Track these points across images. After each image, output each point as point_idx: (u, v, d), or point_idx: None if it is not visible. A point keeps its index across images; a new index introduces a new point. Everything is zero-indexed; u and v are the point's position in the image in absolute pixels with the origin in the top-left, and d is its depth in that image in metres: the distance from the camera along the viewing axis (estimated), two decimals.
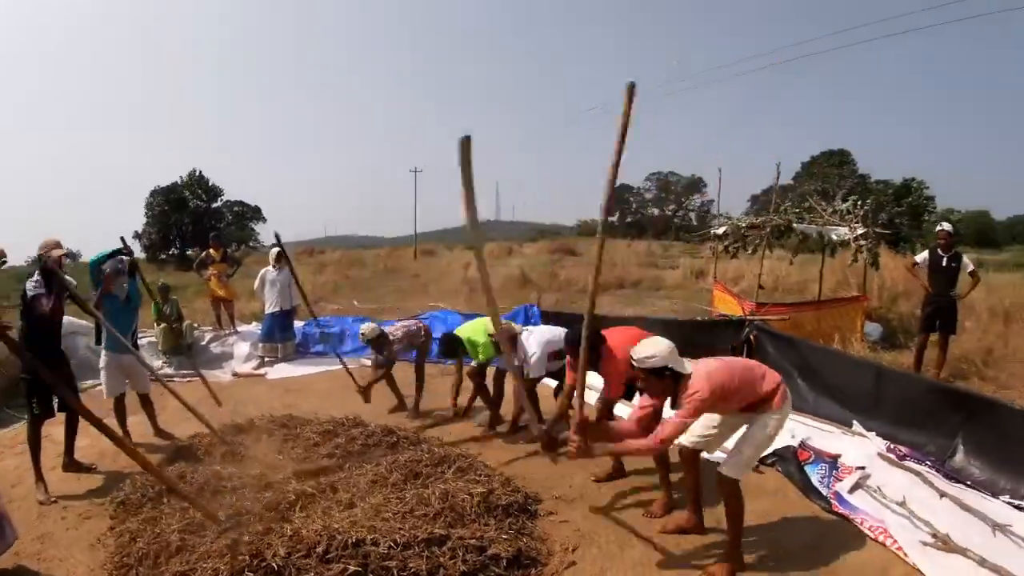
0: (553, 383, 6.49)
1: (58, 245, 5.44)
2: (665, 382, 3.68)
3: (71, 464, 5.72)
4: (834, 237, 10.49)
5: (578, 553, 4.02)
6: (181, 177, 50.76)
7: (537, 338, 5.89)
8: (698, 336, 7.43)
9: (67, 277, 5.49)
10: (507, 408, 6.60)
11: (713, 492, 4.03)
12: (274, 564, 3.45)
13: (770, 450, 4.98)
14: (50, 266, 5.28)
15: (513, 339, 5.80)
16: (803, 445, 5.38)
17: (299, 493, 4.60)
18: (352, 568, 3.44)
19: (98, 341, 6.16)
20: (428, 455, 5.16)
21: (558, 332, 5.87)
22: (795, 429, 5.72)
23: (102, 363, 6.25)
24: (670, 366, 3.66)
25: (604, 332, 4.96)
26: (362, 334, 7.30)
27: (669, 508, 4.57)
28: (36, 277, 5.26)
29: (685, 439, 4.03)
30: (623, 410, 5.41)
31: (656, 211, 74.95)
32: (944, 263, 8.34)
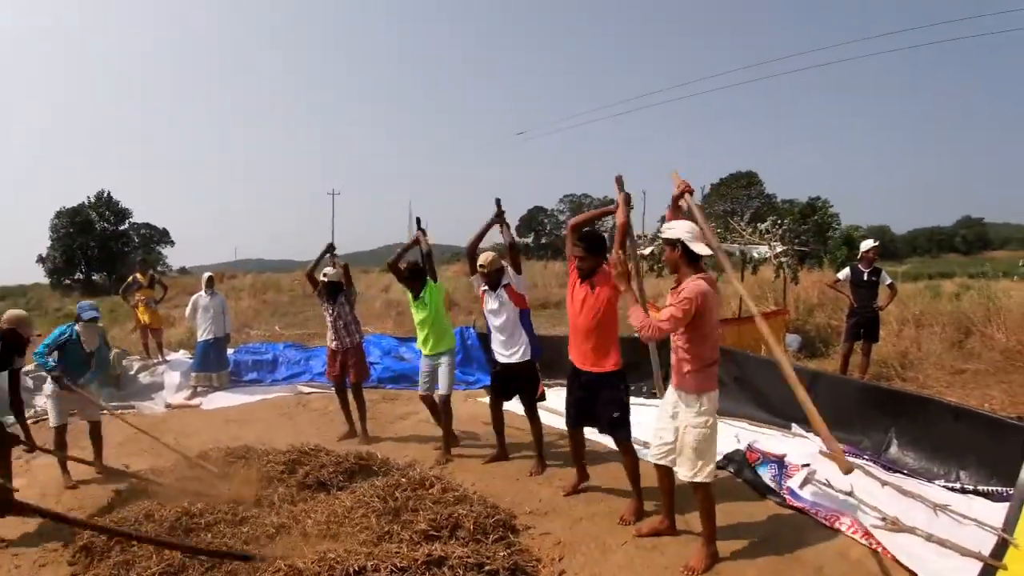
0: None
1: (29, 323, 5.44)
2: (675, 255, 3.98)
3: (12, 506, 5.12)
4: (755, 255, 10.99)
5: (564, 562, 4.16)
6: (88, 198, 49.09)
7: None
8: (635, 353, 7.72)
9: None
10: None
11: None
12: None
13: (720, 455, 5.21)
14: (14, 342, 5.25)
15: (502, 268, 5.81)
16: (750, 448, 5.67)
17: (277, 526, 4.53)
18: None
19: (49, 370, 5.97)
20: (406, 479, 5.14)
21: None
22: (740, 434, 6.14)
23: (48, 391, 6.06)
24: (682, 240, 3.92)
25: None
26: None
27: (639, 513, 4.77)
28: None
29: (653, 456, 4.28)
30: None
31: (578, 216, 76.47)
32: (866, 278, 8.95)
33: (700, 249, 3.92)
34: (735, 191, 58.64)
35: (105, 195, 49.46)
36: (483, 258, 5.77)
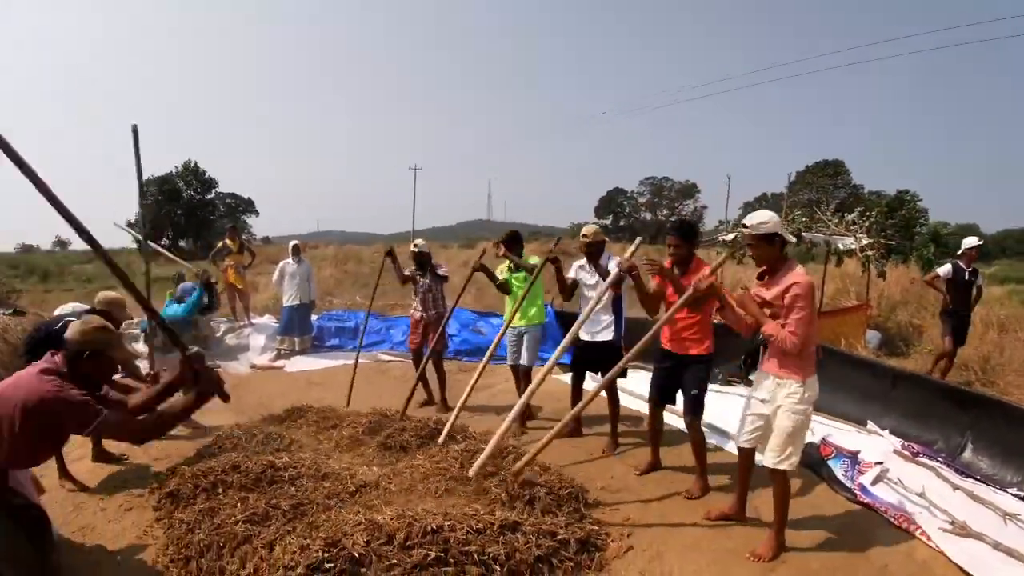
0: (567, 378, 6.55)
1: (123, 304, 5.57)
2: (774, 249, 3.94)
3: (100, 455, 5.70)
4: (840, 247, 10.76)
5: (633, 538, 4.22)
6: (176, 167, 50.81)
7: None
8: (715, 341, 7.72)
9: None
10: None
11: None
12: (354, 553, 3.46)
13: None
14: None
15: (603, 243, 5.91)
16: (824, 441, 5.64)
17: (358, 483, 4.70)
18: (434, 554, 3.51)
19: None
20: (484, 446, 5.15)
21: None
22: (814, 427, 6.02)
23: (141, 348, 6.39)
24: (780, 233, 3.92)
25: None
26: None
27: (705, 490, 4.89)
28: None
29: (740, 439, 4.32)
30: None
31: (649, 215, 75.26)
32: (966, 277, 8.56)
33: (791, 237, 3.98)
34: (821, 180, 57.19)
35: (192, 165, 51.20)
36: (587, 228, 5.91)
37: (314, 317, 11.41)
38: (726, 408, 6.22)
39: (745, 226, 4.00)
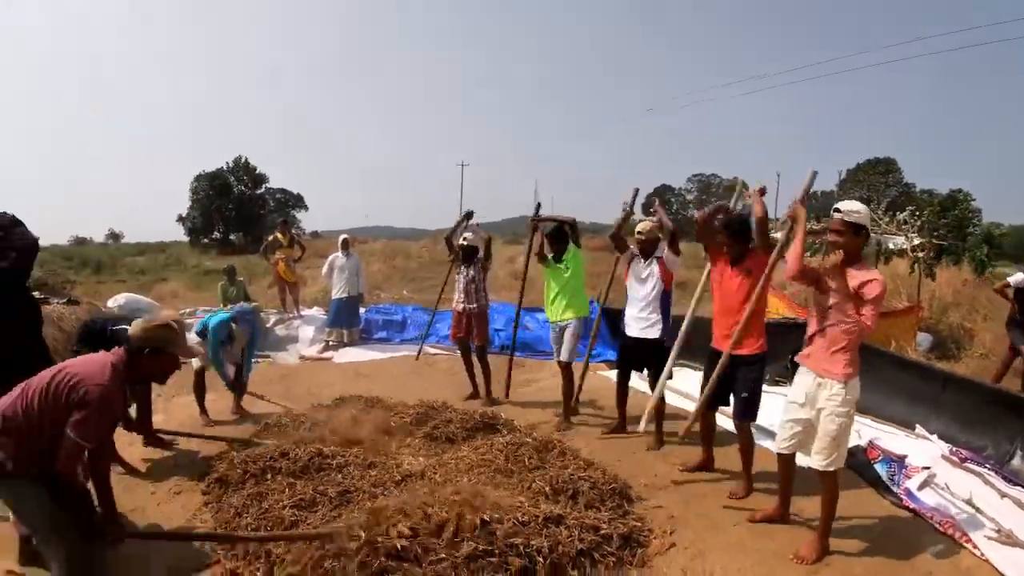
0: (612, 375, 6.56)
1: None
2: (859, 241, 3.87)
3: (152, 440, 5.83)
4: (891, 246, 10.59)
5: (675, 536, 4.21)
6: (227, 163, 51.75)
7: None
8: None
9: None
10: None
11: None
12: (399, 544, 3.50)
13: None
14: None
15: (658, 240, 5.96)
16: (871, 444, 5.56)
17: (404, 473, 4.79)
18: (481, 546, 3.53)
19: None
20: (531, 440, 5.33)
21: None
22: (861, 430, 5.93)
23: (193, 336, 6.49)
24: (867, 227, 3.90)
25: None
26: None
27: (749, 491, 4.84)
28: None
29: (780, 444, 4.24)
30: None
31: (697, 212, 74.47)
32: None
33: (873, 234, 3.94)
34: (872, 178, 56.05)
35: (243, 160, 51.99)
36: (642, 225, 5.94)
37: (362, 310, 11.58)
38: (773, 408, 6.15)
39: (838, 210, 3.91)
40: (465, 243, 7.48)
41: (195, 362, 6.51)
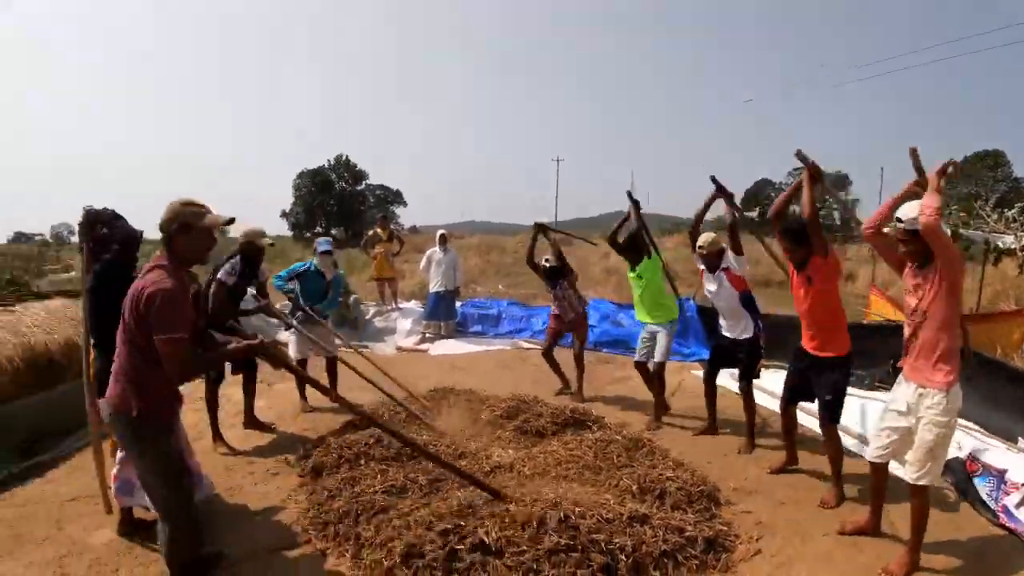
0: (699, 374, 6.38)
1: (262, 234, 5.86)
2: (918, 245, 3.65)
3: (252, 423, 6.19)
4: (1000, 245, 9.99)
5: (762, 542, 4.08)
6: (328, 160, 53.40)
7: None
8: (862, 341, 7.40)
9: (263, 267, 5.94)
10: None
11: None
12: (487, 539, 3.53)
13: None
14: (253, 253, 5.75)
15: (722, 251, 5.70)
16: (971, 457, 5.21)
17: (493, 465, 4.86)
18: (563, 542, 3.52)
19: (294, 312, 6.68)
20: (621, 437, 5.28)
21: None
22: (962, 440, 5.52)
23: (294, 329, 6.73)
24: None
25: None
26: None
27: (840, 499, 4.65)
28: (233, 263, 5.63)
29: (873, 453, 4.06)
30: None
31: (798, 208, 71.78)
32: None
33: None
34: (979, 171, 53.19)
35: (344, 158, 53.58)
36: (703, 239, 5.69)
37: (458, 304, 11.73)
38: (870, 414, 5.89)
39: (900, 220, 3.70)
40: (548, 265, 7.44)
41: (292, 353, 6.78)
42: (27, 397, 5.80)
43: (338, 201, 52.03)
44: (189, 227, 3.27)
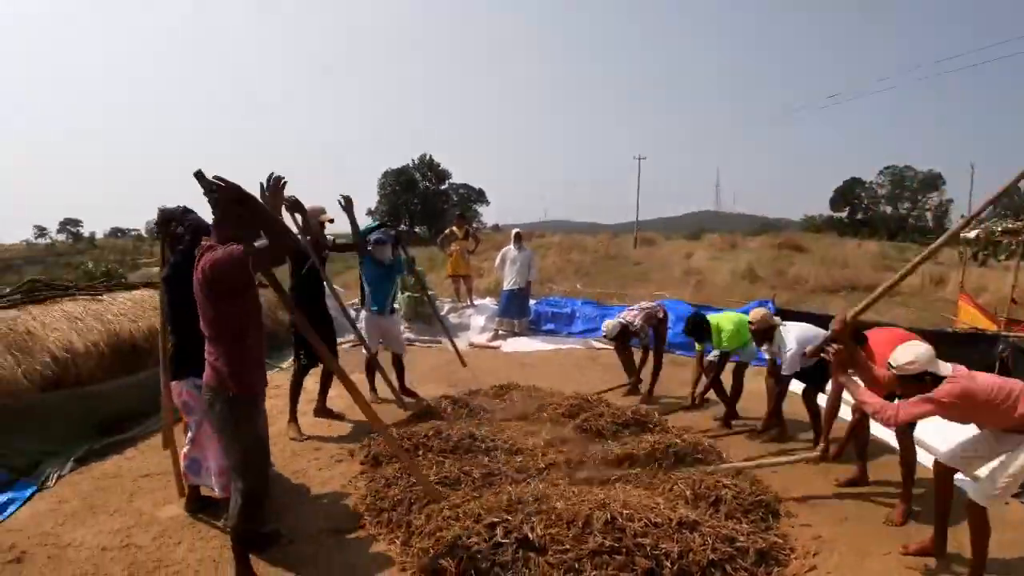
0: (800, 386, 6.19)
1: (323, 211, 6.01)
2: (923, 387, 3.55)
3: (322, 411, 6.45)
4: None
5: (818, 558, 3.92)
6: (413, 160, 54.61)
7: (795, 334, 5.57)
8: (944, 350, 7.09)
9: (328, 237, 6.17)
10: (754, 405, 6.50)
11: (955, 516, 3.89)
12: (531, 536, 3.55)
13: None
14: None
15: (770, 331, 5.64)
16: None
17: (548, 462, 4.86)
18: (608, 543, 3.50)
19: (362, 303, 6.84)
20: (680, 441, 5.18)
21: (814, 331, 5.54)
22: None
23: (361, 323, 6.93)
24: (930, 371, 3.54)
25: (867, 333, 4.80)
26: (605, 332, 7.49)
27: (907, 517, 4.40)
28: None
29: (944, 457, 3.86)
30: None
31: (889, 208, 69.40)
32: None
33: (944, 370, 3.57)
34: None
35: (427, 158, 54.70)
36: (752, 315, 5.77)
37: (532, 302, 11.76)
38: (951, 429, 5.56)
39: (891, 364, 3.69)
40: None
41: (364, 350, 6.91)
42: (111, 380, 6.17)
43: (422, 200, 53.26)
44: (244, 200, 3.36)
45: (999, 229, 10.63)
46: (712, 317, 6.46)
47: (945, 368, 3.58)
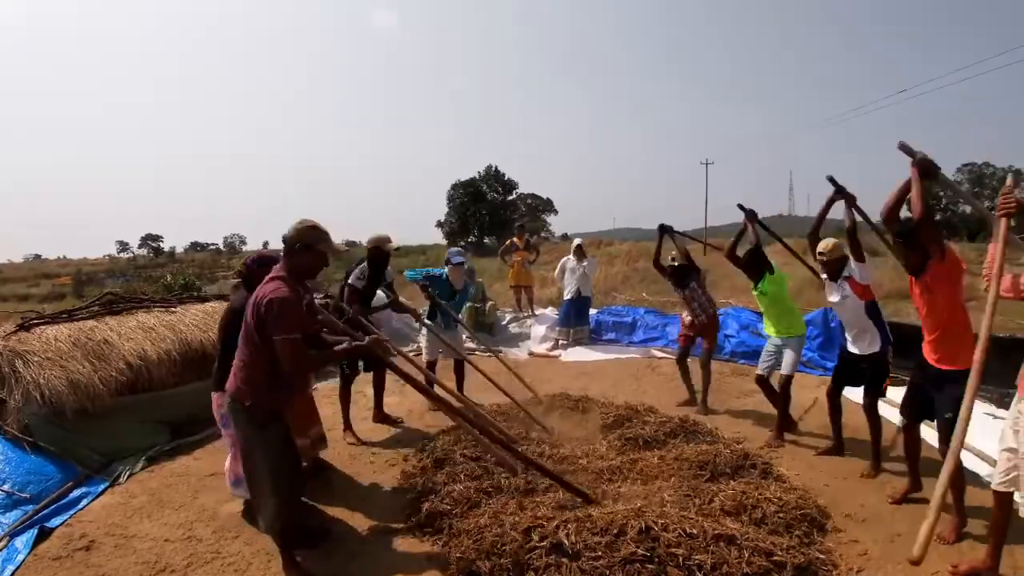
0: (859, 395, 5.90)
1: (388, 240, 6.22)
2: None
3: (381, 417, 6.68)
4: None
5: (862, 575, 3.82)
6: (479, 172, 55.75)
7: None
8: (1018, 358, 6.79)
9: (388, 269, 6.34)
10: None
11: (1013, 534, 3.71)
12: (565, 542, 3.58)
13: None
14: (379, 258, 6.17)
15: (843, 260, 5.33)
16: None
17: (590, 470, 4.92)
18: (640, 552, 3.49)
19: (430, 316, 6.96)
20: (729, 451, 5.15)
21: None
22: None
23: (424, 332, 7.12)
24: None
25: None
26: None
27: (960, 532, 4.21)
28: (362, 268, 6.10)
29: (994, 481, 3.67)
30: None
31: (968, 208, 66.47)
32: None
33: None
34: None
35: (493, 169, 55.63)
36: (823, 245, 5.37)
37: (594, 311, 11.77)
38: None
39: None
40: (675, 264, 7.29)
41: (424, 355, 7.17)
42: (182, 386, 6.55)
43: (490, 210, 53.95)
44: (310, 247, 3.71)
45: None
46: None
47: None
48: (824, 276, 5.44)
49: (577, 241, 11.78)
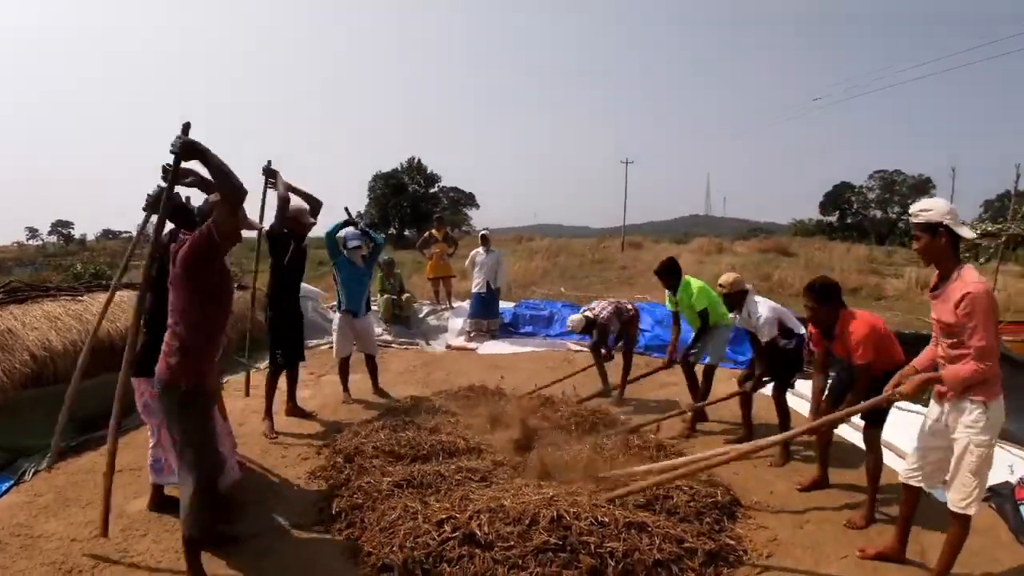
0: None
1: (307, 211, 6.09)
2: (939, 242, 3.33)
3: (294, 410, 6.54)
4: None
5: (771, 560, 3.87)
6: (401, 164, 55.02)
7: (765, 303, 5.54)
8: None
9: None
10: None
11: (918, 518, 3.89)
12: (478, 532, 3.58)
13: (988, 484, 4.39)
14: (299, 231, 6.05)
15: (741, 295, 5.54)
16: (1021, 482, 4.85)
17: (496, 463, 4.88)
18: (553, 541, 3.51)
19: (339, 306, 6.87)
20: (641, 443, 5.25)
21: (782, 309, 5.58)
22: (1015, 464, 5.17)
23: (335, 325, 7.02)
24: (946, 223, 3.31)
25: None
26: (570, 326, 7.42)
27: (869, 520, 4.34)
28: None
29: (904, 474, 3.77)
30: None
31: (879, 213, 69.27)
32: None
33: (966, 232, 3.34)
34: None
35: (416, 161, 55.32)
36: (722, 279, 5.64)
37: (511, 304, 11.93)
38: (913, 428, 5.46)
39: (908, 214, 3.48)
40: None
41: (336, 352, 7.13)
42: (90, 379, 6.14)
43: (411, 203, 53.38)
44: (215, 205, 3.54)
45: (979, 232, 10.71)
46: (685, 278, 6.48)
47: (967, 232, 3.43)
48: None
49: (483, 231, 11.87)
